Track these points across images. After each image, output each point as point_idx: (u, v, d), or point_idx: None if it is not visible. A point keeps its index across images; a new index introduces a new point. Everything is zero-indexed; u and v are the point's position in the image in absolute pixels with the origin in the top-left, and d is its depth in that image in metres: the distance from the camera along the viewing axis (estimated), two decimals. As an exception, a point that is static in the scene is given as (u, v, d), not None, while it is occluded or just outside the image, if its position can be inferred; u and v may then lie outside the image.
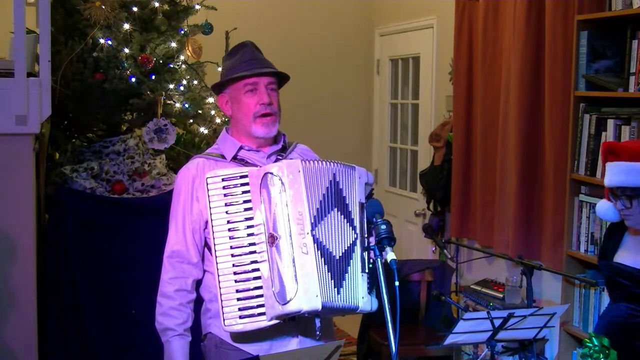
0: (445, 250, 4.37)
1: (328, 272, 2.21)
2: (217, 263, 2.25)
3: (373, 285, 2.28)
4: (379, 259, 2.11)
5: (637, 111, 3.22)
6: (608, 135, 3.35)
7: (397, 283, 2.00)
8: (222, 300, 2.24)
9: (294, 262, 2.18)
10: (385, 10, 5.95)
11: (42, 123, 3.55)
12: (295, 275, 2.17)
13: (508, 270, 4.30)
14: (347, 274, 2.24)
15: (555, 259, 3.75)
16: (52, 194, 3.84)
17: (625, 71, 3.32)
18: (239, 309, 2.23)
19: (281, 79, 2.52)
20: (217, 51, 4.50)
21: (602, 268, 2.92)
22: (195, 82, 4.42)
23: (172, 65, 4.28)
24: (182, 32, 4.30)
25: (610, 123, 3.35)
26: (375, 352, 4.29)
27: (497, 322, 2.60)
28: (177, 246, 2.43)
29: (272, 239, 2.21)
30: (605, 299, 3.36)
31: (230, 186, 2.27)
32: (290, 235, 2.20)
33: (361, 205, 2.30)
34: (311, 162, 2.29)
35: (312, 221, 2.22)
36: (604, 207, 2.85)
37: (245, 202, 2.26)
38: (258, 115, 2.43)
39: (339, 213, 2.26)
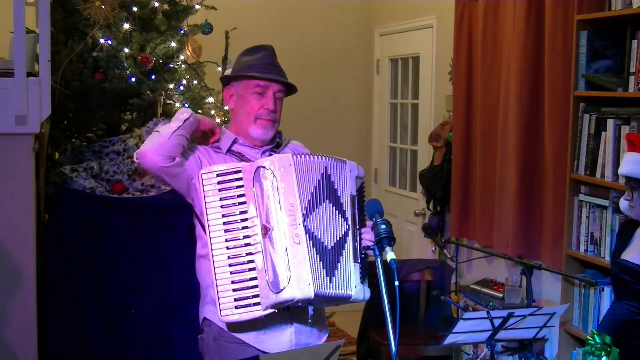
0: (445, 250, 4.38)
1: (320, 261, 2.27)
2: (213, 256, 2.31)
3: (366, 275, 2.34)
4: (379, 259, 2.13)
5: (637, 111, 3.22)
6: (608, 135, 3.35)
7: (397, 283, 2.02)
8: (218, 292, 2.30)
9: (287, 251, 2.25)
10: (385, 10, 5.95)
11: (42, 123, 3.55)
12: (289, 265, 2.24)
13: (508, 270, 4.30)
14: (339, 264, 2.31)
15: (555, 259, 3.75)
16: (52, 194, 3.83)
17: (625, 71, 3.32)
18: (235, 300, 2.29)
19: (289, 89, 2.61)
20: (217, 51, 4.50)
21: (612, 267, 2.94)
22: (195, 82, 4.41)
23: (172, 65, 4.27)
24: (182, 32, 4.30)
25: (610, 123, 3.35)
26: (375, 352, 4.29)
27: (497, 322, 2.60)
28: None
29: (266, 231, 2.28)
30: (605, 299, 3.36)
31: (225, 181, 2.34)
32: (283, 226, 2.26)
33: (352, 198, 2.37)
34: (303, 156, 2.38)
35: (304, 212, 2.29)
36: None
37: (239, 196, 2.33)
38: (259, 118, 2.52)
39: (331, 205, 2.33)
